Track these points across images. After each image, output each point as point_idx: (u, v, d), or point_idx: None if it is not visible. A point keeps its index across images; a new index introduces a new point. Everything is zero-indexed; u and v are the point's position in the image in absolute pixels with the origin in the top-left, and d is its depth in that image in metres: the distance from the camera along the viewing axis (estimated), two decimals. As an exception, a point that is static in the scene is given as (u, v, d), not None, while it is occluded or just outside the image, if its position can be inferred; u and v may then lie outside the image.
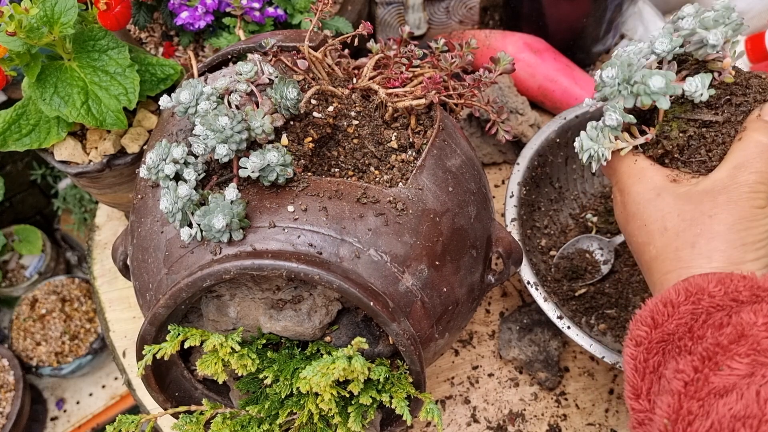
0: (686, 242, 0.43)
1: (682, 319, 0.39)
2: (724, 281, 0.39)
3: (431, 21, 0.95)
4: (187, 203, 0.45)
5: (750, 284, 0.39)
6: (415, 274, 0.48)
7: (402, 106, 0.53)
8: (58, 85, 0.59)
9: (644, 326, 0.41)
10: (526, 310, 0.74)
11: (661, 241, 0.44)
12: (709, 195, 0.43)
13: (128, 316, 0.84)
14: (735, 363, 0.35)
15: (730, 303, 0.39)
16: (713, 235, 0.42)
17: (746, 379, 0.34)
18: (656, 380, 0.39)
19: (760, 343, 0.35)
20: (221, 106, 0.48)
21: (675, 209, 0.44)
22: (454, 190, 0.51)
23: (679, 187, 0.45)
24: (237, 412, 0.52)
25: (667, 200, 0.45)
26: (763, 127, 0.43)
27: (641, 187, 0.46)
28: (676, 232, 0.43)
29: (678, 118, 0.46)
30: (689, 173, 0.46)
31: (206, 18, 0.73)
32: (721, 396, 0.34)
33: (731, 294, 0.39)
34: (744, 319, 0.37)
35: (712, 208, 0.42)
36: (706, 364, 0.36)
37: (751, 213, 0.41)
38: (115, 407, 1.31)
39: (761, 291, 0.39)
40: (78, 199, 1.38)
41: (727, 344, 0.36)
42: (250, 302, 0.50)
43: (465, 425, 0.70)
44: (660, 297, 0.41)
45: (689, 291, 0.40)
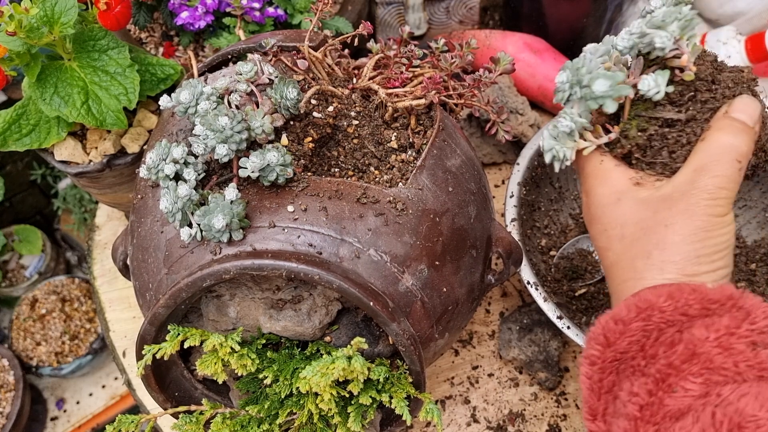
0: (642, 251, 0.41)
1: (634, 336, 0.38)
2: (673, 295, 0.37)
3: (431, 21, 0.95)
4: (187, 203, 0.45)
5: (700, 297, 0.37)
6: (415, 274, 0.48)
7: (402, 106, 0.53)
8: (58, 85, 0.59)
9: (597, 345, 0.39)
10: (526, 310, 0.74)
11: (619, 247, 0.43)
12: (666, 202, 0.41)
13: (128, 316, 0.84)
14: (688, 384, 0.34)
15: (681, 318, 0.37)
16: (667, 246, 0.40)
17: (701, 399, 0.33)
18: (611, 401, 0.38)
19: (712, 360, 0.34)
20: (221, 106, 0.48)
21: (634, 216, 0.42)
22: (454, 190, 0.51)
23: (641, 192, 0.43)
24: (237, 412, 0.52)
25: (627, 206, 0.43)
26: (728, 126, 0.40)
27: (604, 189, 0.44)
28: (632, 240, 0.42)
29: (639, 116, 0.44)
30: (653, 175, 0.44)
31: (206, 18, 0.73)
32: (676, 419, 0.33)
33: (681, 308, 0.37)
34: (695, 335, 0.35)
35: (668, 217, 0.40)
36: (660, 386, 0.35)
37: (708, 223, 0.39)
38: (115, 407, 1.31)
39: (711, 303, 0.37)
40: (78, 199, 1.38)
41: (679, 364, 0.35)
42: (250, 302, 0.50)
43: (465, 425, 0.70)
44: (611, 314, 0.39)
45: (639, 307, 0.38)
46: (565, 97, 0.44)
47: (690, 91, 0.42)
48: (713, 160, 0.39)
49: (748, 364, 0.34)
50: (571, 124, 0.44)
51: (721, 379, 0.34)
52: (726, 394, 0.33)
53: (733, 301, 0.37)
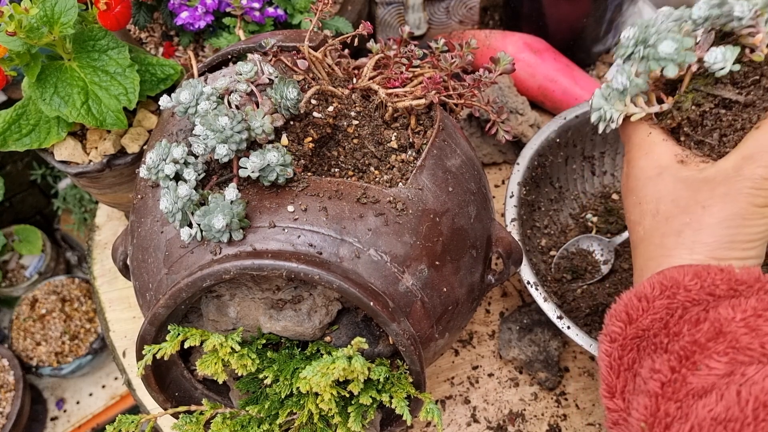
0: (673, 229, 0.40)
1: (657, 314, 0.38)
2: (700, 274, 0.37)
3: (431, 21, 0.95)
4: (187, 203, 0.45)
5: (727, 277, 0.37)
6: (415, 274, 0.48)
7: (402, 106, 0.53)
8: (58, 85, 0.59)
9: (618, 322, 0.39)
10: (526, 310, 0.74)
11: (650, 223, 0.42)
12: (709, 184, 0.40)
13: (128, 316, 0.84)
14: (713, 362, 0.34)
15: (707, 297, 0.37)
16: (701, 227, 0.39)
17: (725, 378, 0.33)
18: (631, 378, 0.38)
19: (738, 340, 0.34)
20: (221, 106, 0.48)
21: (672, 193, 0.41)
22: (454, 190, 0.51)
23: (684, 170, 0.41)
24: (237, 412, 0.52)
25: (666, 181, 0.42)
26: None
27: (646, 162, 0.43)
28: (666, 216, 0.41)
29: (697, 90, 0.42)
30: (699, 156, 0.42)
31: (206, 18, 0.73)
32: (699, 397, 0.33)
33: (708, 288, 0.37)
34: (722, 314, 0.35)
35: (708, 198, 0.39)
36: (683, 363, 0.35)
37: (747, 210, 0.38)
38: (115, 407, 1.31)
39: (739, 285, 0.37)
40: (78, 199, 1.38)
41: (704, 342, 0.34)
42: (250, 302, 0.50)
43: (465, 425, 0.70)
44: (634, 291, 0.39)
45: (664, 285, 0.38)
46: (627, 53, 0.42)
47: (756, 74, 0.41)
48: (764, 150, 0.38)
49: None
50: (626, 82, 0.42)
51: (746, 359, 0.33)
52: (751, 373, 0.32)
53: (760, 284, 0.36)
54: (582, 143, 0.78)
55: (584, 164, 0.80)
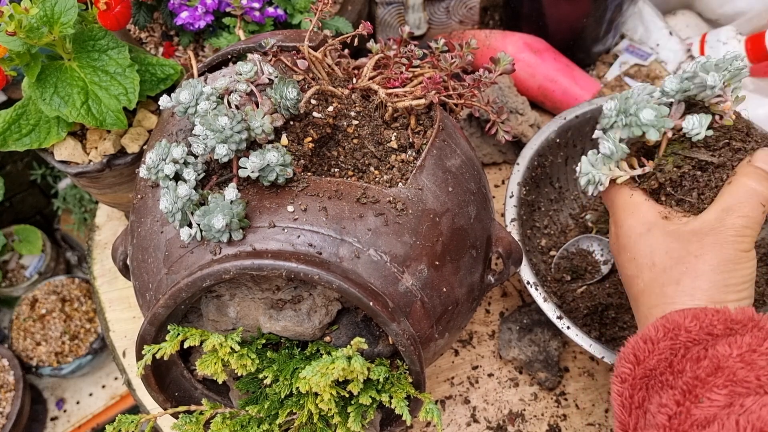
0: (672, 279, 0.44)
1: (662, 354, 0.41)
2: (698, 316, 0.41)
3: (431, 21, 0.95)
4: (187, 203, 0.45)
5: (723, 318, 0.40)
6: (414, 274, 0.48)
7: (402, 106, 0.53)
8: (58, 85, 0.59)
9: (628, 363, 0.42)
10: (526, 310, 0.74)
11: (648, 275, 0.46)
12: (696, 235, 0.44)
13: (128, 316, 0.84)
14: (714, 395, 0.37)
15: (706, 337, 0.40)
16: (698, 275, 0.43)
17: (726, 409, 0.36)
18: (642, 415, 0.40)
19: (735, 374, 0.37)
20: (221, 106, 0.48)
21: (663, 246, 0.45)
22: (454, 190, 0.51)
23: (669, 225, 0.46)
24: (237, 412, 0.52)
25: (656, 236, 0.46)
26: (753, 173, 0.44)
27: (634, 220, 0.48)
28: (663, 268, 0.45)
29: (676, 154, 0.47)
30: (680, 212, 0.47)
31: (206, 18, 0.73)
32: (703, 427, 0.36)
33: (706, 328, 0.40)
34: (719, 351, 0.38)
35: (698, 249, 0.43)
36: (687, 397, 0.38)
37: (735, 256, 0.42)
38: (115, 407, 1.31)
39: (734, 324, 0.40)
40: (78, 199, 1.38)
41: (705, 377, 0.38)
42: (250, 302, 0.50)
43: (465, 425, 0.70)
44: (641, 334, 0.43)
45: (667, 327, 0.41)
46: (611, 123, 0.48)
47: (726, 138, 0.46)
48: (740, 201, 0.43)
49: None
50: (612, 148, 0.47)
51: (744, 390, 0.36)
52: (749, 404, 0.35)
53: (754, 322, 0.40)
54: (582, 143, 0.78)
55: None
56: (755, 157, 0.45)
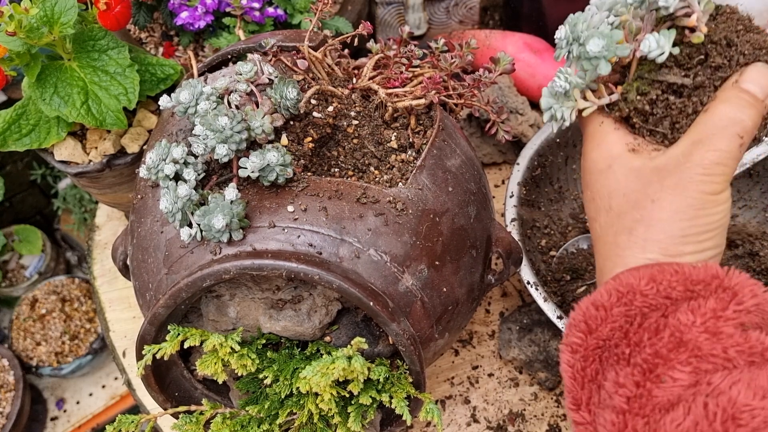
0: (625, 227, 0.38)
1: (616, 322, 0.36)
2: (656, 278, 0.35)
3: (431, 21, 0.95)
4: (187, 203, 0.45)
5: (683, 278, 0.35)
6: (415, 274, 0.48)
7: (402, 106, 0.53)
8: (58, 85, 0.59)
9: (579, 332, 0.37)
10: (526, 310, 0.74)
11: (605, 220, 0.40)
12: (659, 174, 0.37)
13: (128, 316, 0.84)
14: (677, 373, 0.32)
15: (664, 301, 0.35)
16: (652, 223, 0.37)
17: (691, 389, 0.32)
18: (596, 390, 0.36)
19: (700, 347, 0.33)
20: (221, 106, 0.48)
21: (623, 186, 0.39)
22: (454, 190, 0.51)
23: (635, 159, 0.39)
24: (237, 412, 0.52)
25: (617, 174, 0.39)
26: (734, 97, 0.36)
27: (597, 153, 0.41)
28: (618, 213, 0.39)
29: (641, 78, 0.40)
30: (652, 143, 0.40)
31: (206, 18, 0.73)
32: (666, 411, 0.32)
33: (664, 291, 0.35)
34: (681, 320, 0.34)
35: (657, 191, 0.37)
36: (647, 376, 0.33)
37: (699, 200, 0.36)
38: (115, 407, 1.31)
39: (695, 285, 0.35)
40: (78, 199, 1.38)
41: (666, 353, 0.33)
42: (250, 302, 0.50)
43: (465, 425, 0.70)
44: (591, 299, 0.37)
45: (620, 291, 0.36)
46: (562, 54, 0.41)
47: (700, 54, 0.38)
48: (713, 133, 0.36)
49: (737, 349, 0.32)
50: (565, 84, 0.41)
51: (710, 366, 0.32)
52: (717, 382, 0.31)
53: (718, 281, 0.35)
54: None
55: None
56: (744, 77, 0.37)
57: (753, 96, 0.36)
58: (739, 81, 0.37)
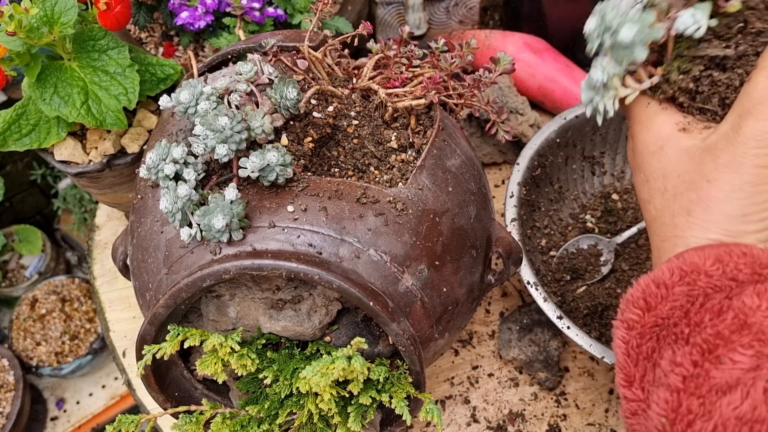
0: (682, 208, 0.38)
1: (677, 301, 0.35)
2: (722, 259, 0.34)
3: (431, 21, 0.95)
4: (187, 203, 0.45)
5: (751, 261, 0.34)
6: (414, 274, 0.48)
7: (402, 106, 0.53)
8: (58, 85, 0.59)
9: (636, 309, 0.37)
10: (526, 310, 0.74)
11: (660, 201, 0.39)
12: (711, 154, 0.36)
13: (128, 316, 0.84)
14: (737, 355, 0.31)
15: (729, 283, 0.34)
16: (710, 204, 0.36)
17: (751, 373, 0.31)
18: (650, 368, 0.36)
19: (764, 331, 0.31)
20: (221, 106, 0.48)
21: (677, 167, 0.38)
22: (454, 190, 0.51)
23: (686, 140, 0.38)
24: (237, 412, 0.52)
25: (669, 155, 0.39)
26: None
27: (647, 136, 0.40)
28: (674, 194, 0.38)
29: (681, 56, 0.38)
30: (702, 121, 0.38)
31: (206, 18, 0.73)
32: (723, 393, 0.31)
33: (730, 273, 0.34)
34: (746, 303, 0.32)
35: (712, 171, 0.36)
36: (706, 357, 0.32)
37: (755, 176, 0.34)
38: (115, 407, 1.31)
39: (763, 268, 0.34)
40: (78, 199, 1.38)
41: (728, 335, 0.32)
42: (250, 302, 0.50)
43: (465, 425, 0.70)
44: (653, 277, 0.37)
45: (684, 270, 0.35)
46: (595, 46, 0.40)
47: (738, 21, 0.36)
48: (759, 102, 0.34)
49: None
50: (603, 76, 0.40)
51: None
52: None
53: None
54: (582, 143, 0.78)
55: (584, 164, 0.80)
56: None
57: None
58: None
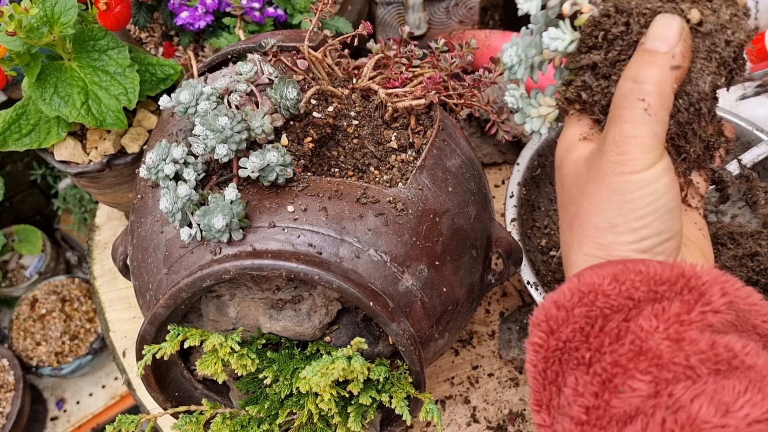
0: (566, 223, 0.37)
1: (577, 323, 0.34)
2: (618, 277, 0.33)
3: (431, 21, 0.95)
4: (187, 203, 0.45)
5: (646, 278, 0.32)
6: (415, 274, 0.48)
7: (402, 106, 0.53)
8: (58, 85, 0.59)
9: (540, 332, 0.35)
10: (526, 310, 0.74)
11: (560, 215, 0.39)
12: (587, 164, 0.35)
13: (128, 316, 0.84)
14: (636, 382, 0.30)
15: (626, 302, 0.33)
16: (583, 217, 0.35)
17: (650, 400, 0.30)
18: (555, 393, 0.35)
19: (661, 356, 0.30)
20: (221, 106, 0.48)
21: (568, 180, 0.37)
22: (454, 190, 0.51)
23: (579, 150, 0.37)
24: (237, 412, 0.52)
25: (564, 169, 0.38)
26: (632, 64, 0.34)
27: (558, 150, 0.39)
28: (564, 208, 0.38)
29: (567, 69, 0.38)
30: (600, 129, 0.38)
31: (206, 18, 0.73)
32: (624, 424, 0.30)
33: (626, 292, 0.33)
34: (643, 327, 0.31)
35: (585, 183, 0.35)
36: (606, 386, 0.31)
37: (619, 184, 0.33)
38: (115, 407, 1.31)
39: (659, 285, 0.32)
40: (78, 199, 1.38)
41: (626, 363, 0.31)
42: (250, 302, 0.50)
43: (465, 425, 0.70)
44: (553, 298, 0.35)
45: (582, 291, 0.34)
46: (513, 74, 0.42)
47: (600, 29, 0.36)
48: (618, 105, 0.33)
49: (700, 357, 0.30)
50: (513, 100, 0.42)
51: (671, 376, 0.30)
52: (678, 393, 0.29)
53: (684, 281, 0.32)
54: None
55: None
56: (646, 36, 0.34)
57: (652, 53, 0.33)
58: (643, 42, 0.34)
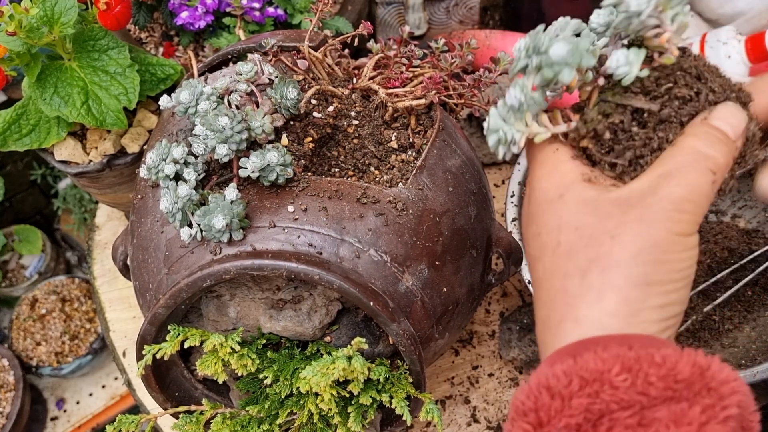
0: (577, 268, 0.32)
1: (574, 418, 0.29)
2: (631, 368, 0.29)
3: (431, 21, 0.95)
4: (187, 203, 0.45)
5: (665, 373, 0.28)
6: (415, 274, 0.48)
7: (402, 106, 0.53)
8: (58, 85, 0.59)
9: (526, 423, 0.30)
10: (526, 310, 0.74)
11: (550, 260, 0.34)
12: (620, 207, 0.32)
13: (128, 316, 0.84)
14: None
15: (639, 398, 0.28)
16: (610, 264, 0.31)
17: None
18: None
19: None
20: (221, 106, 0.48)
21: (575, 219, 0.33)
22: (454, 190, 0.51)
23: (590, 190, 0.34)
24: (237, 412, 0.52)
25: (569, 204, 0.34)
26: (704, 133, 0.33)
27: (548, 182, 0.35)
28: (568, 251, 0.33)
29: (605, 101, 0.36)
30: (611, 177, 0.35)
31: (206, 18, 0.73)
32: None
33: (640, 386, 0.28)
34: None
35: (618, 226, 0.32)
36: None
37: (667, 240, 0.31)
38: (115, 407, 1.31)
39: (678, 384, 0.28)
40: (78, 199, 1.38)
41: None
42: (250, 302, 0.50)
43: (465, 425, 0.70)
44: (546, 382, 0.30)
45: (584, 379, 0.29)
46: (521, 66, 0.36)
47: (669, 81, 0.35)
48: (683, 166, 0.32)
49: None
50: (521, 97, 0.36)
51: None
52: None
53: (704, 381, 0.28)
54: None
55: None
56: (713, 114, 0.34)
57: (723, 133, 0.33)
58: (708, 118, 0.34)
